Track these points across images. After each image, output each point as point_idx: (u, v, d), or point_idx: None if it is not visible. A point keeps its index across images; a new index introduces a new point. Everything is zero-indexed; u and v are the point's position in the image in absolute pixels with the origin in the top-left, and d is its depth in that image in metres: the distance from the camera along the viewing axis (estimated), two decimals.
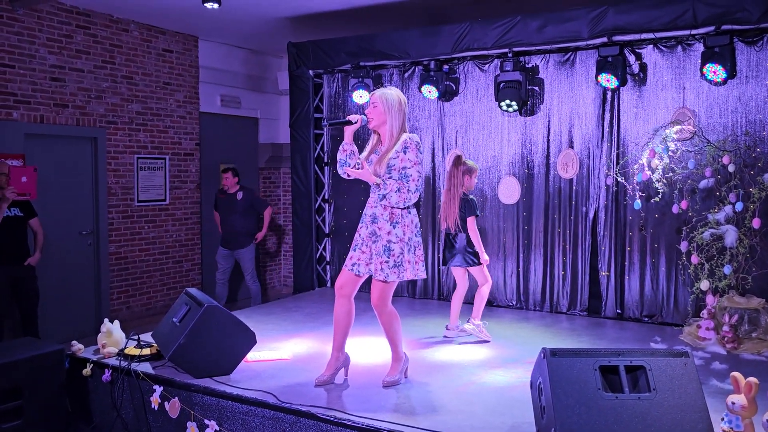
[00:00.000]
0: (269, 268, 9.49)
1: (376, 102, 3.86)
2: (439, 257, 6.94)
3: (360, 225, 3.93)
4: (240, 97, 8.79)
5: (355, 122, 3.87)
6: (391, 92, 3.87)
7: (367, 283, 3.92)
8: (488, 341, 5.12)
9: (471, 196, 5.23)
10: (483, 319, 5.26)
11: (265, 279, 9.41)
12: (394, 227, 3.80)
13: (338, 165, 3.92)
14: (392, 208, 3.79)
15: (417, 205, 7.06)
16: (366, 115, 3.90)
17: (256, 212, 7.52)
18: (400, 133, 3.84)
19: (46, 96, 6.53)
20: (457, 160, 5.23)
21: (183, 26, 7.67)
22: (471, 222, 5.14)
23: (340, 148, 3.91)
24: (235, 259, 7.50)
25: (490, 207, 6.62)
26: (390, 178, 3.77)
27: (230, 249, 7.42)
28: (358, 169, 3.83)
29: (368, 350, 4.79)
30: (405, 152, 3.77)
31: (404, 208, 3.82)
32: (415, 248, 3.85)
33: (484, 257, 5.19)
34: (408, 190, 3.73)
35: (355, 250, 3.89)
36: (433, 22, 7.18)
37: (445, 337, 5.28)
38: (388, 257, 3.78)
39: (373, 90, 4.02)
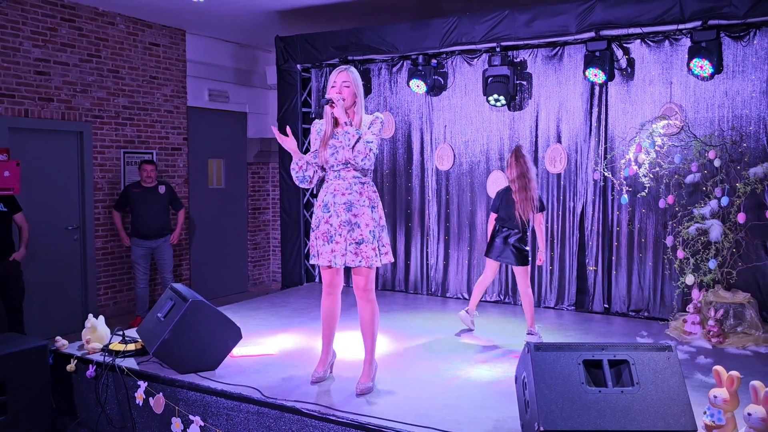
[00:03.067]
0: (258, 263, 9.47)
1: (348, 81, 3.72)
2: (427, 252, 6.94)
3: (327, 215, 3.73)
4: (228, 91, 8.74)
5: (338, 102, 3.67)
6: (355, 71, 3.80)
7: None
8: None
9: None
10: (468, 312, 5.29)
11: (254, 274, 9.39)
12: (372, 211, 3.73)
13: (298, 180, 3.81)
14: (359, 177, 3.72)
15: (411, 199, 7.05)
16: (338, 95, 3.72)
17: (170, 207, 7.23)
18: (363, 113, 3.81)
19: (31, 90, 6.46)
20: (521, 149, 4.95)
21: (170, 20, 7.61)
22: (540, 218, 4.99)
23: (298, 164, 3.79)
24: (152, 255, 7.11)
25: (478, 201, 6.62)
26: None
27: (151, 239, 6.97)
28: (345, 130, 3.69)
29: (353, 345, 4.77)
30: (370, 128, 3.75)
31: (374, 192, 3.79)
32: (385, 231, 3.84)
33: (542, 258, 5.06)
34: (370, 149, 3.64)
35: (331, 242, 3.71)
36: (423, 16, 7.17)
37: (461, 319, 5.29)
38: (375, 243, 3.71)
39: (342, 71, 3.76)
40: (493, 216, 5.11)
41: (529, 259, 5.04)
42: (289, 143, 3.79)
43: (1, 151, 6.08)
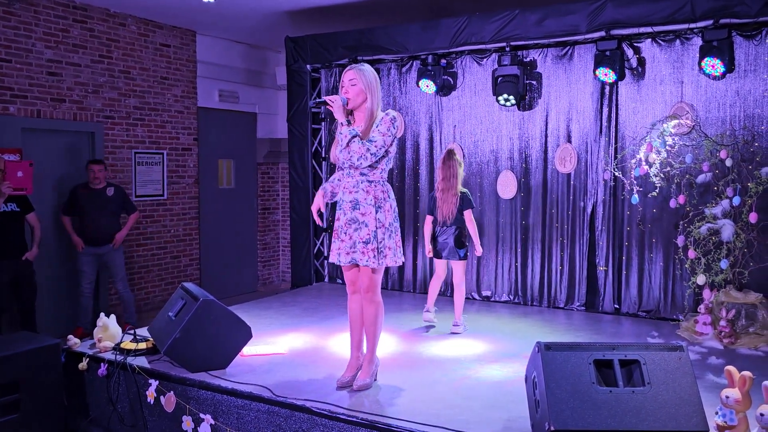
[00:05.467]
0: (267, 263, 9.49)
1: (355, 79, 3.65)
2: None
3: (340, 213, 3.78)
4: (238, 92, 8.77)
5: (333, 103, 3.66)
6: (367, 68, 3.73)
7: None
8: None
9: (465, 189, 5.32)
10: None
11: (263, 274, 9.42)
12: (377, 211, 3.69)
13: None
14: (366, 176, 3.71)
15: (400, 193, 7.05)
16: (344, 96, 3.69)
17: (122, 212, 6.69)
18: (377, 112, 3.72)
19: (43, 90, 6.51)
20: (452, 153, 5.28)
21: (180, 20, 7.65)
22: (470, 215, 5.25)
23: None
24: (102, 263, 6.58)
25: (487, 201, 6.61)
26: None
27: (98, 246, 6.44)
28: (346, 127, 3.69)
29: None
30: (378, 126, 3.68)
31: (383, 192, 3.74)
32: (395, 234, 3.77)
33: (480, 249, 5.36)
34: (368, 149, 3.61)
35: (337, 240, 3.77)
36: (433, 16, 7.16)
37: (425, 321, 5.45)
38: (375, 243, 3.68)
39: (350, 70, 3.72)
40: (428, 218, 5.38)
41: (468, 254, 5.39)
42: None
43: (14, 152, 6.14)
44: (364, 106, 3.70)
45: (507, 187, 6.47)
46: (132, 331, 4.57)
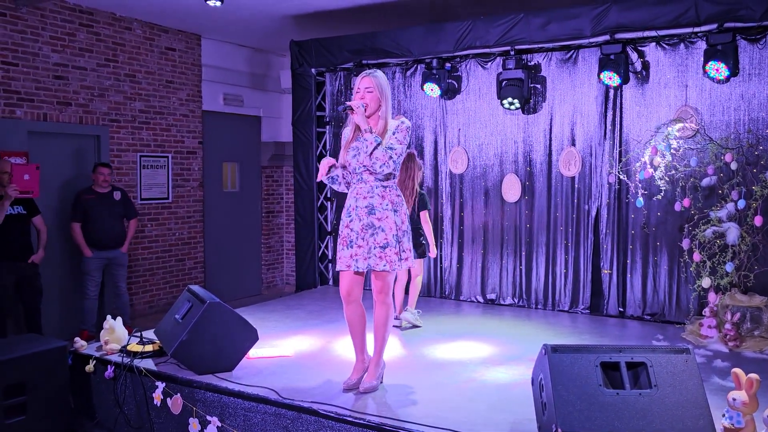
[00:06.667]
0: (271, 266, 9.51)
1: (371, 87, 3.70)
2: (441, 255, 6.94)
3: (348, 219, 3.75)
4: (243, 95, 8.80)
5: (357, 109, 3.69)
6: (381, 75, 3.77)
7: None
8: (420, 327, 5.48)
9: (422, 191, 5.47)
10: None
11: (267, 277, 9.43)
12: (394, 215, 3.71)
13: (330, 182, 3.86)
14: (381, 181, 3.71)
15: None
16: (361, 102, 3.72)
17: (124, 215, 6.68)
18: (389, 118, 3.76)
19: (50, 94, 6.54)
20: (413, 156, 5.42)
21: (186, 24, 7.68)
22: (425, 215, 5.42)
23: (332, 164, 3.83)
24: (107, 265, 6.55)
25: (492, 205, 6.63)
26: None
27: (106, 249, 6.45)
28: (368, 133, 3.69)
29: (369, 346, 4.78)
30: (394, 134, 3.72)
31: (398, 196, 3.76)
32: (409, 236, 3.80)
33: (434, 250, 5.51)
34: (390, 157, 3.65)
35: (351, 247, 3.72)
36: (437, 20, 7.18)
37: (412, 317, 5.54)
38: (398, 247, 3.69)
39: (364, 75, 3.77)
40: None
41: (425, 252, 5.51)
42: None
43: (21, 155, 6.17)
44: (378, 112, 3.75)
45: (511, 190, 6.49)
46: (138, 334, 4.58)
